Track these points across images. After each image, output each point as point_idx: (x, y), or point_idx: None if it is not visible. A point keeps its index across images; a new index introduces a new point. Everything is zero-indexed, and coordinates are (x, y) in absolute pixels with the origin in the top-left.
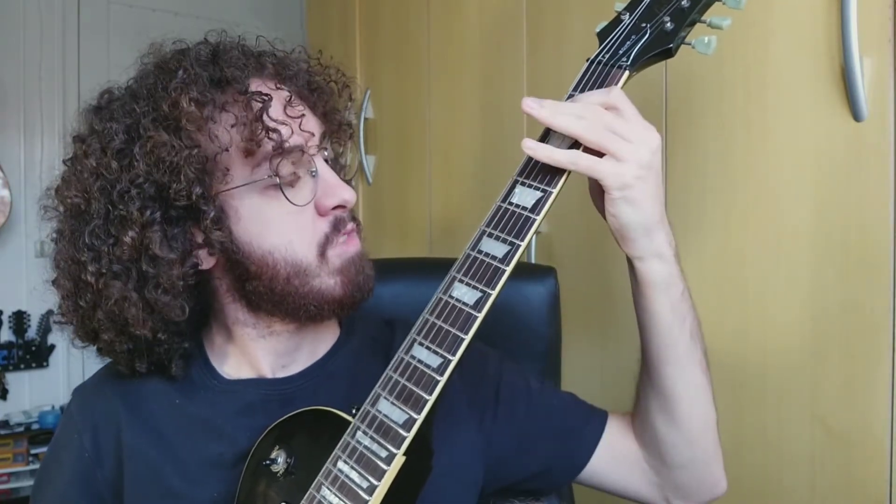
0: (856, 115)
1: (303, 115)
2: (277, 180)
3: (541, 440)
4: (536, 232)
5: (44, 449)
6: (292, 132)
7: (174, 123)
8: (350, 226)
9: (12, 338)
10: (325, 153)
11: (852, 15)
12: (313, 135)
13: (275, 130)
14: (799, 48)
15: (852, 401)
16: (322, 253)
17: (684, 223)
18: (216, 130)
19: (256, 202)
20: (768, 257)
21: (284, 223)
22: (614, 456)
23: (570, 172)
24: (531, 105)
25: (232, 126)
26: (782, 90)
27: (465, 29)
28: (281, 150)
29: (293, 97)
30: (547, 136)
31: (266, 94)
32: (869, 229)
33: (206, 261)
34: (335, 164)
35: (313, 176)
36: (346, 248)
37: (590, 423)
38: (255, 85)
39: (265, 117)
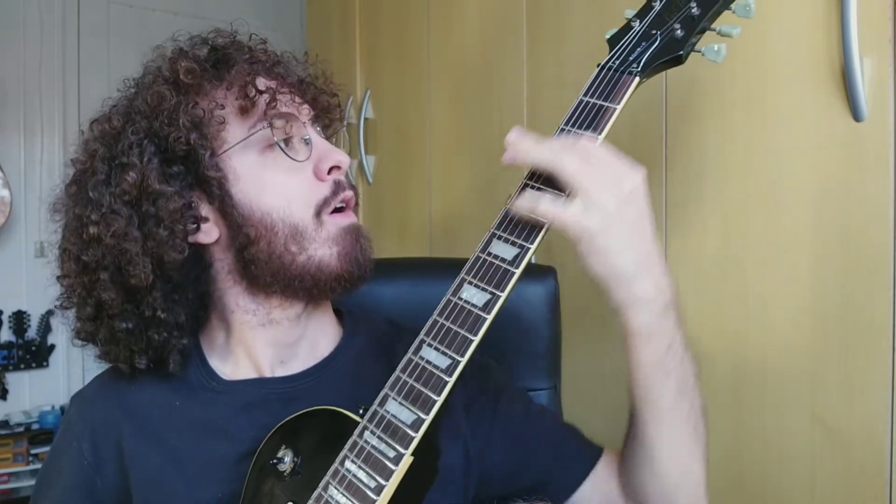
0: (856, 115)
1: (292, 92)
2: (273, 135)
3: (533, 459)
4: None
5: (44, 449)
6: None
7: (173, 78)
8: (348, 193)
9: (12, 338)
10: (318, 128)
11: (852, 15)
12: (304, 103)
13: (267, 89)
14: (799, 48)
15: (852, 401)
16: (318, 213)
17: (684, 223)
18: (211, 90)
19: (254, 161)
20: (768, 257)
21: (282, 182)
22: (596, 495)
23: None
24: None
25: (227, 89)
26: (782, 90)
27: (465, 29)
28: (275, 106)
29: (282, 83)
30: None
31: (257, 63)
32: (869, 229)
33: (209, 233)
34: None
35: (307, 143)
36: (343, 218)
37: (581, 458)
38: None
39: (257, 80)
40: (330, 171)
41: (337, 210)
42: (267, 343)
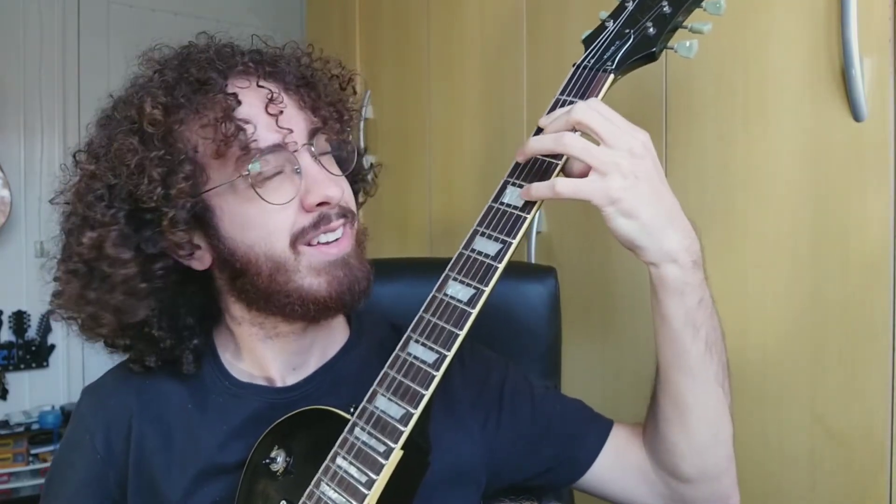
0: (856, 115)
1: (281, 111)
2: (249, 180)
3: (543, 444)
4: (536, 232)
5: (44, 449)
6: (257, 129)
7: (138, 127)
8: (336, 223)
9: (12, 338)
10: (313, 148)
11: (852, 15)
12: (291, 131)
13: (241, 129)
14: (799, 48)
15: (852, 401)
16: (293, 243)
17: None
18: (186, 133)
19: (238, 200)
20: (768, 257)
21: (266, 218)
22: (619, 464)
23: (559, 171)
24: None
25: (203, 127)
26: (782, 90)
27: (465, 29)
28: (247, 149)
29: (276, 94)
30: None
31: (233, 93)
32: (869, 229)
33: (202, 260)
34: (339, 156)
35: (297, 173)
36: (329, 249)
37: (593, 430)
38: (233, 85)
39: (234, 116)
40: (319, 204)
41: (325, 242)
42: (276, 354)
